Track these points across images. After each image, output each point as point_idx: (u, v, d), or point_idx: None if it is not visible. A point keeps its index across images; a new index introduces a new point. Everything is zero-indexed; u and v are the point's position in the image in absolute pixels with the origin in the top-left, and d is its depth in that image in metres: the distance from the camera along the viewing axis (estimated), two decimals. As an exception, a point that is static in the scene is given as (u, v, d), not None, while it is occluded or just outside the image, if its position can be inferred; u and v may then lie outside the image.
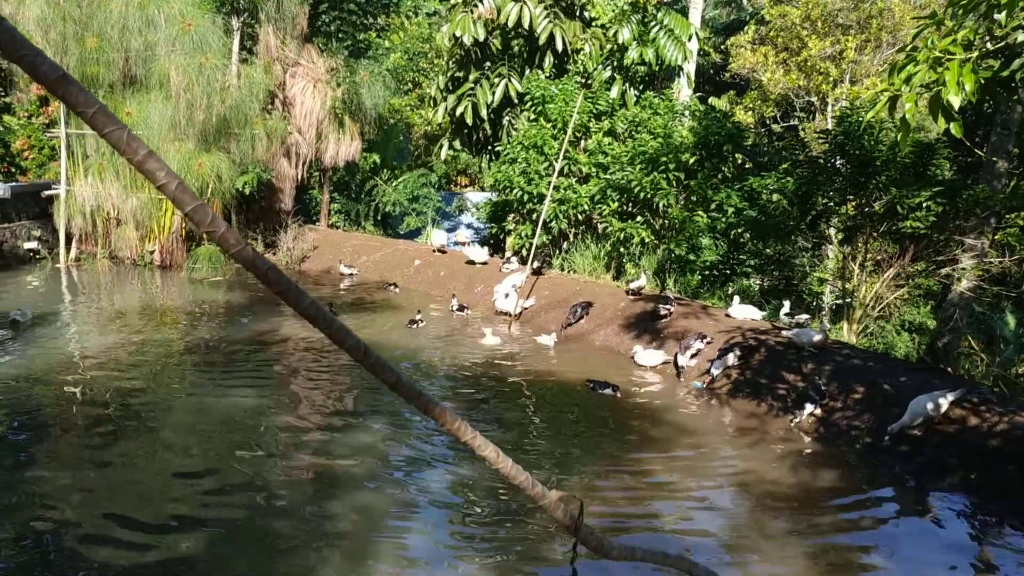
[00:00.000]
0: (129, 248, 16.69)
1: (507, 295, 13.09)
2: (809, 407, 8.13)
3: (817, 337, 9.17)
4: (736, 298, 11.16)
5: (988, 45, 4.50)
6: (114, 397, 8.41)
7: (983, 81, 4.50)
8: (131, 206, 16.17)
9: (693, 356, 9.88)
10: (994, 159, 13.50)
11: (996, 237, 13.03)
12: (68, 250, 16.73)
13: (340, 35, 19.91)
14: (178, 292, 14.97)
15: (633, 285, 11.93)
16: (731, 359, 9.38)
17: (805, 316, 10.42)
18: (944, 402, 7.25)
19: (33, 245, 16.55)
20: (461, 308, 13.49)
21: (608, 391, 9.11)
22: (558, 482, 6.58)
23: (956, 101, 4.37)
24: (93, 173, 16.31)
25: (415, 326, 12.17)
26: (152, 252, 16.80)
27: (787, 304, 10.76)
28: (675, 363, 9.96)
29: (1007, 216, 12.69)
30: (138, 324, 11.88)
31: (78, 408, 8.11)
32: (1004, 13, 4.35)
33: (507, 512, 6.06)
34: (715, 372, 9.37)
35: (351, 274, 16.71)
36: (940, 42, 4.60)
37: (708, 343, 9.92)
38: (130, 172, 16.26)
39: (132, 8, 15.85)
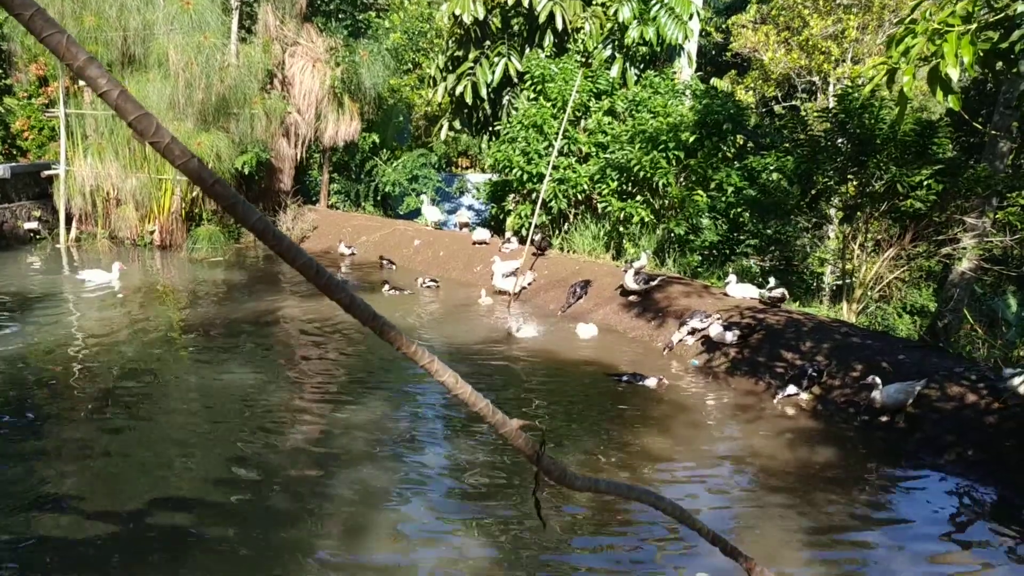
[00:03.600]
0: (129, 228, 16.66)
1: (505, 275, 13.08)
2: (792, 388, 8.14)
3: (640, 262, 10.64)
4: (732, 277, 11.13)
5: (987, 17, 4.45)
6: (113, 375, 8.43)
7: (982, 53, 4.47)
8: (131, 186, 16.14)
9: (690, 334, 9.88)
10: (997, 138, 13.45)
11: (998, 216, 13.01)
12: (68, 230, 16.72)
13: (340, 14, 19.82)
14: (178, 272, 14.96)
15: (637, 265, 11.59)
16: (729, 336, 9.37)
17: (781, 290, 10.42)
18: (914, 392, 7.30)
19: (33, 225, 16.53)
20: (433, 281, 13.74)
21: (648, 382, 8.65)
22: (559, 459, 6.58)
23: (955, 74, 4.33)
24: (93, 153, 16.27)
25: (396, 293, 12.96)
26: (152, 232, 16.77)
27: (772, 280, 10.75)
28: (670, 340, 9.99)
29: (1009, 195, 12.66)
30: (137, 303, 11.88)
31: (76, 386, 8.11)
32: (1004, -16, 4.31)
33: (505, 487, 6.07)
34: (675, 339, 9.81)
35: (351, 254, 16.69)
36: (939, 14, 4.56)
37: (708, 323, 9.90)
38: (130, 152, 16.24)
39: (130, -14, 15.77)
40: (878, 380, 7.38)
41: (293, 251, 1.36)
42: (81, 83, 16.27)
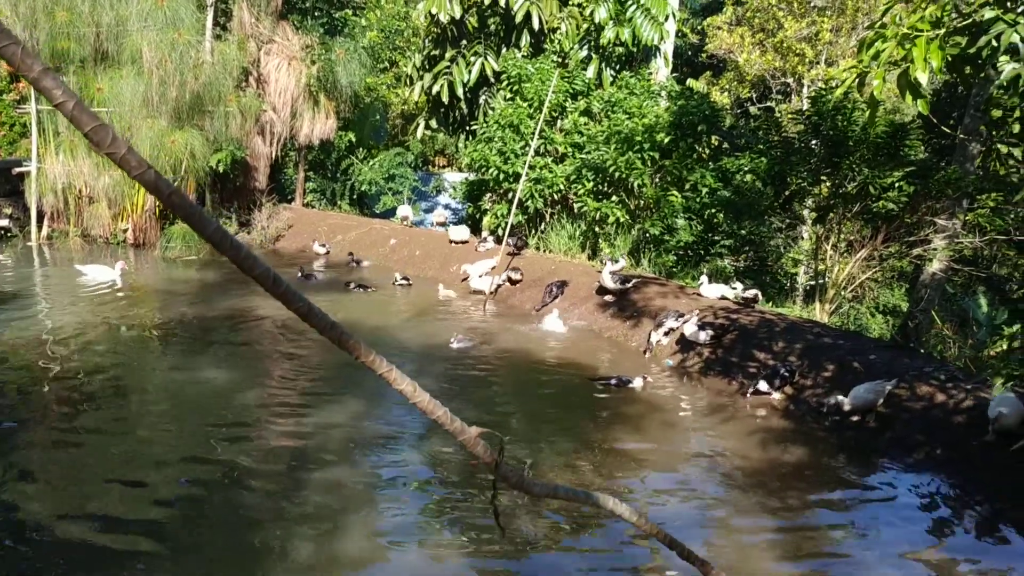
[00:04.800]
0: (101, 226, 16.52)
1: (481, 275, 13.11)
2: (763, 385, 8.21)
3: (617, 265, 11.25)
4: (704, 277, 11.20)
5: (956, 22, 4.52)
6: (84, 375, 8.35)
7: (950, 58, 4.53)
8: (103, 184, 15.99)
9: (666, 334, 9.93)
10: (967, 140, 13.62)
11: (968, 218, 13.18)
12: (39, 228, 16.54)
13: (316, 12, 19.75)
14: (151, 270, 14.84)
15: (614, 267, 11.48)
16: (703, 336, 9.43)
17: (754, 291, 10.52)
18: (883, 391, 7.38)
19: (4, 223, 16.34)
20: (403, 280, 13.75)
21: (634, 384, 8.61)
22: (532, 459, 6.61)
23: (924, 78, 4.40)
24: (64, 150, 16.10)
25: (361, 291, 13.13)
26: (125, 230, 16.64)
27: (740, 285, 10.83)
28: (648, 339, 10.05)
29: (979, 197, 12.81)
30: (110, 302, 11.77)
31: (48, 386, 8.03)
32: (972, -10, 4.37)
33: (478, 488, 6.08)
34: (653, 340, 9.91)
35: (325, 252, 16.64)
36: (909, 19, 4.62)
37: (683, 322, 9.95)
38: (102, 149, 16.06)
39: (103, -19, 15.62)
40: (842, 399, 7.44)
41: (251, 260, 1.36)
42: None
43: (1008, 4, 4.26)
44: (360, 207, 21.74)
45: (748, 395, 8.27)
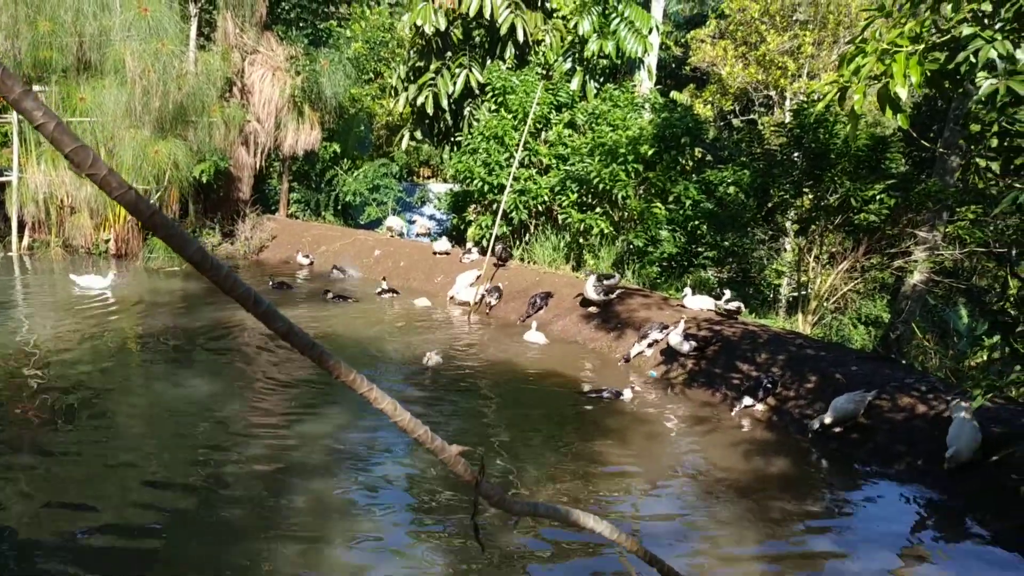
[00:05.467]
0: (83, 236, 16.41)
1: (466, 286, 13.11)
2: (748, 400, 8.25)
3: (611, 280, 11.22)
4: (688, 289, 11.25)
5: (935, 38, 4.57)
6: (66, 386, 8.28)
7: (929, 73, 4.58)
8: (85, 194, 15.88)
9: (650, 345, 9.96)
10: (946, 154, 13.76)
11: (948, 230, 13.29)
12: (20, 238, 16.42)
13: (300, 23, 19.73)
14: (134, 281, 14.74)
15: (608, 282, 11.43)
16: (686, 347, 9.46)
17: (737, 303, 10.57)
18: (864, 402, 7.43)
19: (-16, 233, 16.23)
20: (389, 291, 13.81)
21: (624, 396, 8.61)
22: (516, 471, 6.60)
23: (903, 93, 4.44)
24: (46, 160, 15.99)
25: (340, 300, 13.18)
26: (107, 241, 16.53)
27: (728, 293, 10.88)
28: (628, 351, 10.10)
29: (958, 210, 12.93)
30: (92, 313, 11.69)
31: (28, 397, 7.96)
32: (950, 6, 4.43)
33: (460, 501, 6.06)
34: (633, 352, 9.94)
35: (309, 263, 16.61)
36: (888, 34, 4.67)
37: (667, 333, 9.97)
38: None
39: (87, -8, 15.56)
40: (824, 417, 7.48)
41: (231, 281, 1.36)
42: (35, 88, 16.01)
43: (985, 21, 4.32)
44: (344, 218, 21.70)
45: (735, 412, 8.26)
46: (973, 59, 4.18)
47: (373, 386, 1.61)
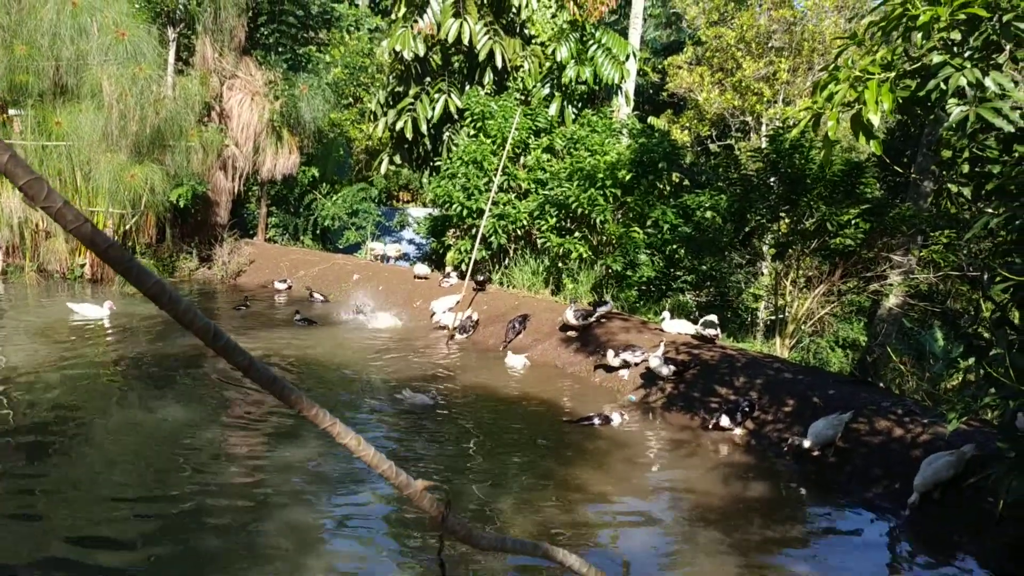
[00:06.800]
0: (59, 261, 16.27)
1: (446, 311, 13.10)
2: (725, 420, 8.29)
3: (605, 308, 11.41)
4: (666, 313, 11.30)
5: (906, 65, 4.64)
6: (40, 413, 8.16)
7: (901, 100, 4.64)
8: (60, 218, 15.74)
9: (624, 366, 10.03)
10: (919, 179, 13.93)
11: (922, 254, 13.42)
12: (-6, 263, 16.25)
13: (279, 48, 19.76)
14: (94, 304, 14.59)
15: (603, 309, 11.55)
16: (665, 371, 9.48)
17: (713, 330, 10.63)
18: (841, 424, 7.47)
19: (-43, 258, 16.04)
20: (359, 311, 13.89)
21: (613, 422, 8.59)
22: (493, 499, 6.57)
23: (876, 120, 4.50)
24: (21, 184, 15.85)
25: (306, 324, 13.26)
26: (83, 265, 16.40)
27: (706, 318, 10.93)
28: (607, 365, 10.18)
29: (932, 234, 13.07)
30: (67, 339, 11.56)
31: (1, 425, 7.84)
32: (920, 35, 4.50)
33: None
34: (615, 362, 9.95)
35: (287, 288, 16.54)
36: (861, 61, 4.74)
37: (643, 359, 10.00)
38: (60, 183, 15.88)
39: (64, 16, 15.50)
40: (805, 442, 7.51)
41: (190, 314, 1.35)
42: (10, 112, 15.93)
43: (955, 49, 4.39)
44: (323, 242, 21.66)
45: (710, 428, 8.33)
46: (943, 86, 4.24)
47: (336, 421, 1.59)
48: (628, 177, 13.67)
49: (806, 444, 7.46)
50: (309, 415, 1.52)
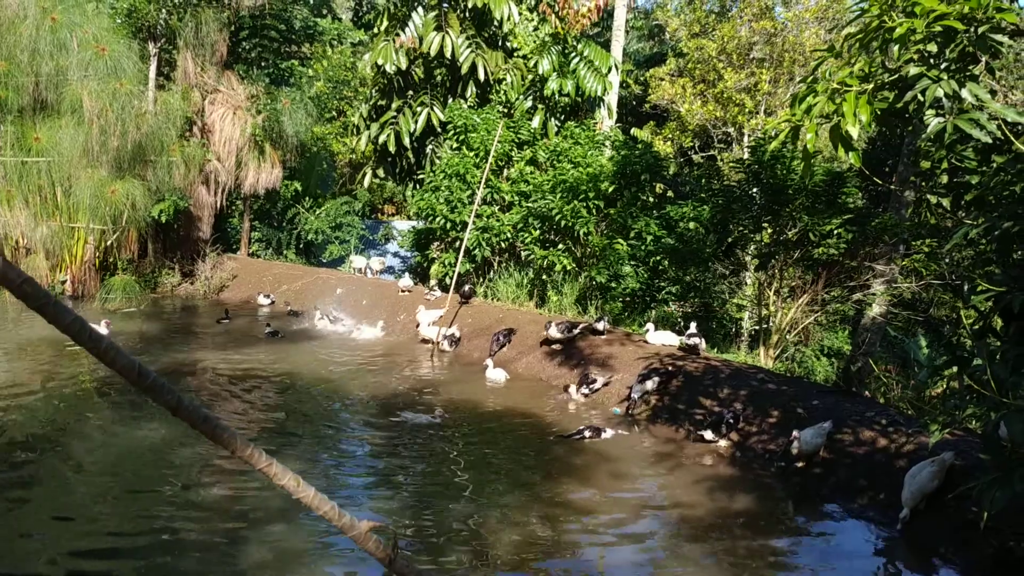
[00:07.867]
0: (39, 278, 16.08)
1: (430, 324, 13.05)
2: (709, 434, 8.28)
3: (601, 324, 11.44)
4: (650, 325, 11.30)
5: (884, 77, 4.65)
6: (18, 431, 8.05)
7: (879, 112, 4.65)
8: (41, 234, 15.61)
9: (594, 388, 10.04)
10: (900, 189, 14.02)
11: (904, 263, 13.49)
12: (-28, 280, 16.07)
13: (261, 62, 19.71)
14: (91, 322, 14.46)
15: (599, 325, 11.54)
16: (649, 385, 9.46)
17: (697, 340, 10.62)
18: (825, 433, 7.47)
19: (-66, 276, 15.85)
20: (327, 316, 14.20)
21: (605, 435, 8.57)
22: (477, 514, 6.51)
23: (854, 131, 4.50)
24: (1, 200, 15.72)
25: (276, 335, 13.35)
26: (64, 282, 16.25)
27: (693, 326, 10.92)
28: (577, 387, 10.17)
29: (914, 243, 13.14)
30: (47, 356, 11.44)
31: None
32: (897, 47, 4.51)
33: (432, 542, 5.96)
34: (635, 396, 9.44)
35: (270, 303, 16.45)
36: (839, 73, 4.74)
37: (612, 378, 10.07)
38: (40, 199, 15.76)
39: (43, 32, 15.40)
40: (798, 435, 7.51)
41: (112, 352, 1.31)
42: (-11, 129, 15.80)
43: (932, 61, 4.40)
44: (307, 256, 21.57)
45: (692, 439, 8.32)
46: (921, 98, 4.25)
47: (273, 461, 1.55)
48: (611, 189, 13.69)
49: (794, 450, 7.45)
50: (243, 455, 1.48)
